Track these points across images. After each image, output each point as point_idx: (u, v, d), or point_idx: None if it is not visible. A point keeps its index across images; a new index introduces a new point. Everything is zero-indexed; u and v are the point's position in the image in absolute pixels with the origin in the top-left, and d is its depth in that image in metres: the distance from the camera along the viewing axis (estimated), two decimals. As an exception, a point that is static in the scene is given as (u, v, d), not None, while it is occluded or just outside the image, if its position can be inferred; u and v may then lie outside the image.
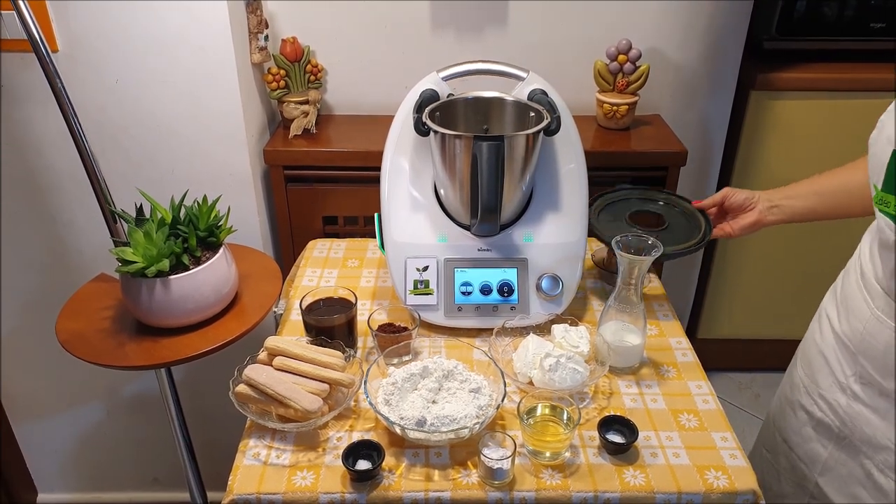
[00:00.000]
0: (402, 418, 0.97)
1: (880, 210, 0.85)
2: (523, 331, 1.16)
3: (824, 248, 2.02)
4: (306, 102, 1.66)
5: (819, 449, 1.05)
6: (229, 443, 1.08)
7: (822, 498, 1.04)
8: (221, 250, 1.20)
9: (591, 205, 1.29)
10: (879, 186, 0.84)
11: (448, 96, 1.25)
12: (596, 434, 0.99)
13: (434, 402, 1.02)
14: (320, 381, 1.01)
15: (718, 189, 1.99)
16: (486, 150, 1.07)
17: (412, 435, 0.96)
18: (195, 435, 1.50)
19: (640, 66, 1.67)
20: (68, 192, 1.56)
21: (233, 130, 1.51)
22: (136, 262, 1.10)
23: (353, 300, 1.17)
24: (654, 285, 1.37)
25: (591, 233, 1.26)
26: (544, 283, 1.20)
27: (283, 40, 1.63)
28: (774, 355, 1.46)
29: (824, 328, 1.06)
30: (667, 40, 1.74)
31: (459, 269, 1.22)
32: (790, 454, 1.11)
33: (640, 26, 1.70)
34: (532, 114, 1.20)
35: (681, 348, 1.19)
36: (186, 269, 1.15)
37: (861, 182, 1.03)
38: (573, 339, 1.11)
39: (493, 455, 0.92)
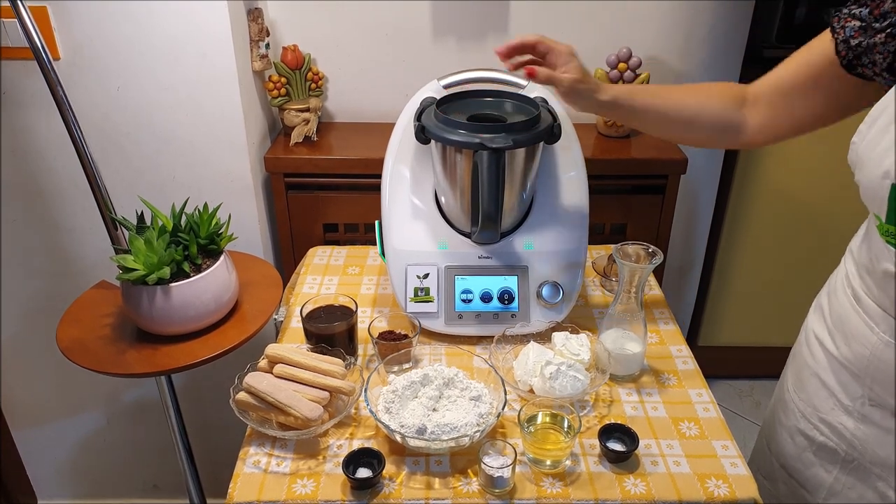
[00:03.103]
0: (402, 426, 0.97)
1: (888, 242, 0.82)
2: (524, 338, 1.16)
3: (825, 255, 2.02)
4: (307, 110, 1.67)
5: (822, 474, 1.01)
6: (229, 450, 1.08)
7: None
8: (222, 258, 1.20)
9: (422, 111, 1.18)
10: (883, 219, 0.81)
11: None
12: (596, 442, 0.99)
13: (434, 409, 1.02)
14: (321, 388, 1.01)
15: (719, 199, 2.01)
16: (487, 159, 1.07)
17: (412, 443, 0.96)
18: (195, 442, 1.50)
19: (640, 74, 1.67)
20: (70, 198, 1.56)
21: (234, 138, 1.51)
22: (136, 270, 1.10)
23: (353, 307, 1.17)
24: (654, 293, 1.37)
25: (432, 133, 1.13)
26: (545, 291, 1.20)
27: (283, 48, 1.63)
28: (775, 363, 1.45)
29: (815, 351, 1.02)
30: (667, 48, 1.74)
31: (460, 277, 1.22)
32: (790, 481, 1.08)
33: (641, 34, 1.71)
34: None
35: (681, 356, 1.19)
36: (187, 276, 1.15)
37: (691, 115, 1.05)
38: (574, 346, 1.11)
39: (494, 463, 0.92)
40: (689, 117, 1.06)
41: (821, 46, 0.93)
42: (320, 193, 1.65)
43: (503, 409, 0.99)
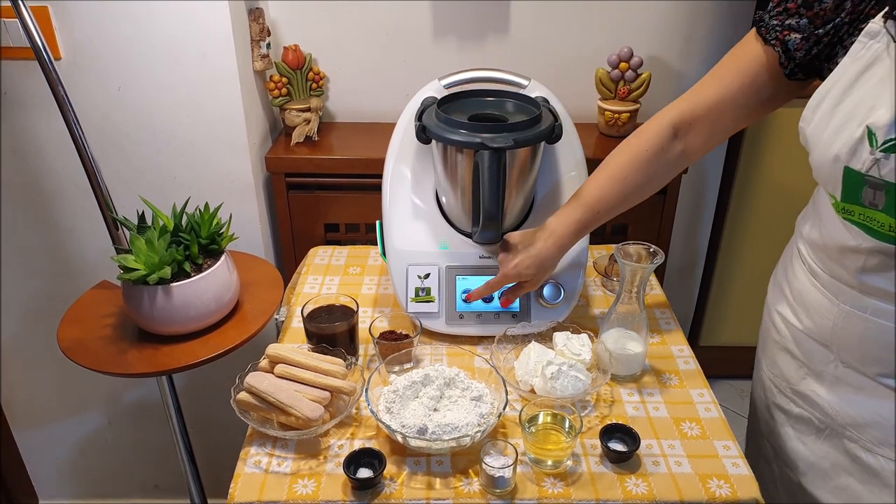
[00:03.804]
0: (403, 426, 0.97)
1: (845, 218, 0.85)
2: (525, 338, 1.16)
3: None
4: (308, 110, 1.67)
5: (800, 447, 1.04)
6: (230, 450, 1.08)
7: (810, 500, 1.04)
8: (223, 258, 1.20)
9: (423, 111, 1.19)
10: (838, 197, 0.84)
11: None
12: (598, 442, 0.99)
13: (435, 409, 1.02)
14: (322, 388, 1.01)
15: (721, 198, 2.01)
16: (488, 159, 1.07)
17: (413, 443, 0.96)
18: (196, 442, 1.50)
19: (641, 74, 1.67)
20: (71, 198, 1.56)
21: (235, 137, 1.51)
22: (137, 270, 1.10)
23: (354, 307, 1.17)
24: (655, 293, 1.37)
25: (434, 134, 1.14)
26: (546, 291, 1.20)
27: (284, 48, 1.63)
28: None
29: (780, 326, 1.06)
30: (668, 48, 1.74)
31: (461, 277, 1.21)
32: (777, 459, 1.11)
33: (642, 34, 1.71)
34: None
35: (682, 356, 1.19)
36: (188, 276, 1.15)
37: (631, 188, 1.07)
38: (575, 346, 1.10)
39: (495, 463, 0.92)
40: (643, 186, 1.08)
41: (756, 62, 0.94)
42: (321, 193, 1.65)
43: (504, 409, 0.99)
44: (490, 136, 1.08)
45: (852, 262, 0.88)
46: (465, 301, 1.20)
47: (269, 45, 1.58)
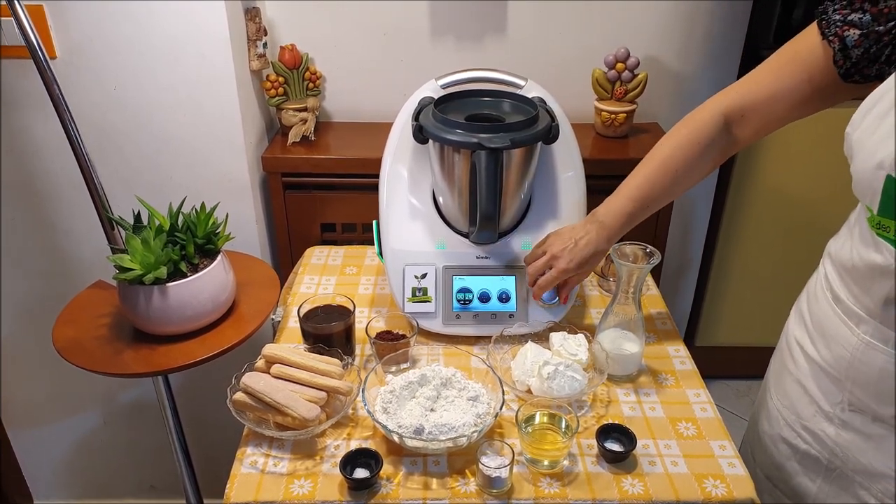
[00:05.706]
0: (399, 426, 0.97)
1: (879, 234, 0.80)
2: (521, 339, 1.16)
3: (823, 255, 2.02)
4: (305, 109, 1.66)
5: (807, 483, 0.99)
6: (226, 450, 1.08)
7: None
8: (219, 258, 1.20)
9: (420, 111, 1.19)
10: (875, 210, 0.79)
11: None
12: (594, 442, 0.99)
13: (432, 410, 1.02)
14: (318, 388, 1.01)
15: (717, 198, 2.01)
16: (485, 159, 1.07)
17: (410, 443, 0.96)
18: (192, 442, 1.49)
19: (638, 75, 1.67)
20: (67, 198, 1.56)
21: (231, 137, 1.51)
22: (133, 270, 1.10)
23: (351, 307, 1.17)
24: (652, 293, 1.37)
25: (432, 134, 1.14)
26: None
27: (281, 47, 1.63)
28: (772, 363, 1.47)
29: (797, 356, 1.00)
30: (665, 49, 1.74)
31: (458, 277, 1.21)
32: (774, 491, 1.06)
33: (639, 35, 1.71)
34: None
35: (679, 356, 1.19)
36: (184, 276, 1.15)
37: (673, 181, 1.07)
38: (571, 347, 1.10)
39: (492, 463, 0.91)
40: (692, 176, 1.07)
41: (812, 56, 0.90)
42: (318, 193, 1.65)
43: (501, 409, 0.99)
44: (487, 137, 1.08)
45: (880, 288, 0.82)
46: (534, 299, 1.20)
47: (265, 45, 1.58)
